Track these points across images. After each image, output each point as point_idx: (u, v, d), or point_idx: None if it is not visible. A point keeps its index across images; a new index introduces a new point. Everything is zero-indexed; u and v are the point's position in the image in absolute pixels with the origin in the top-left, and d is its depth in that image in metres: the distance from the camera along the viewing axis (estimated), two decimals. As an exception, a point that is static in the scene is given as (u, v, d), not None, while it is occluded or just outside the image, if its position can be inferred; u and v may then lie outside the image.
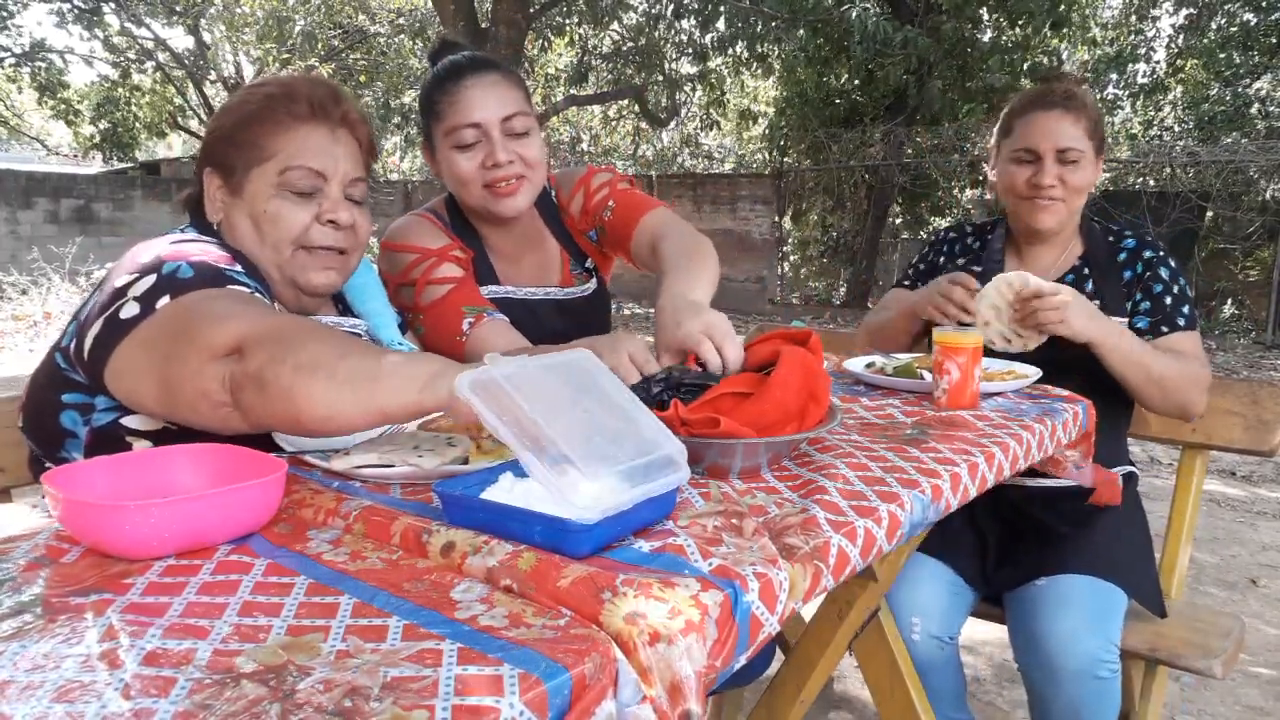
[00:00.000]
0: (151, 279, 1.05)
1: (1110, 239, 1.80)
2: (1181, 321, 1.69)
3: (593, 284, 1.73)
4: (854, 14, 8.71)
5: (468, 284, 1.54)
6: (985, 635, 2.66)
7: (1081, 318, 1.55)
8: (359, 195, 1.27)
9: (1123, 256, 1.77)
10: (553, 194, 1.72)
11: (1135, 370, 1.60)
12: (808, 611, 1.30)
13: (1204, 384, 1.65)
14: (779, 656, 1.88)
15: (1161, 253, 1.75)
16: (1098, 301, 1.71)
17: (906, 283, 1.98)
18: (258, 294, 1.08)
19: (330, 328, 1.04)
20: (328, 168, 1.22)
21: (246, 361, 0.91)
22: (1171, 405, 1.64)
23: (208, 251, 1.11)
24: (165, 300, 1.02)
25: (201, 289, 1.03)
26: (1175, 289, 1.71)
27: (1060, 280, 1.77)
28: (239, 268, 1.12)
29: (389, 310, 1.43)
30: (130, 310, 1.02)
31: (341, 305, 1.41)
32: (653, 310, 1.75)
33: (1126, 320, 1.71)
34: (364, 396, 0.89)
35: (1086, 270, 1.78)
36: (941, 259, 1.94)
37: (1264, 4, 11.12)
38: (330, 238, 1.23)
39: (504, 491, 0.81)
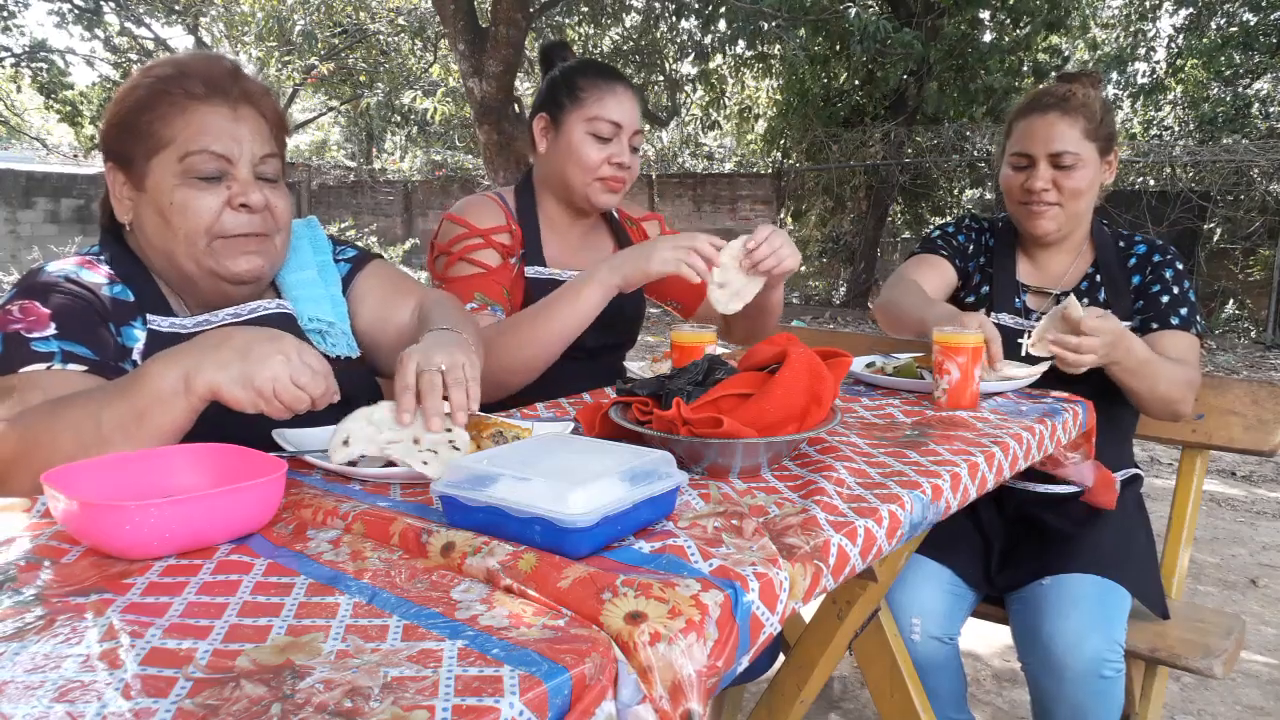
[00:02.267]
0: None
1: (1122, 244, 1.79)
2: (1174, 320, 1.67)
3: None
4: (853, 13, 8.70)
5: (496, 274, 1.65)
6: (986, 635, 2.66)
7: (1104, 356, 1.47)
8: (272, 173, 1.19)
9: (1133, 262, 1.75)
10: (614, 210, 1.90)
11: (1141, 384, 1.56)
12: (808, 612, 1.30)
13: (1195, 387, 1.63)
14: (780, 657, 1.88)
15: (1169, 256, 1.73)
16: (1110, 309, 1.70)
17: (944, 253, 1.87)
18: (56, 365, 1.04)
19: (73, 398, 0.98)
20: (231, 150, 1.14)
21: (20, 484, 0.91)
22: (1167, 413, 1.63)
23: (29, 309, 1.07)
24: None
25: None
26: (1175, 290, 1.69)
27: (1075, 290, 1.76)
28: (50, 330, 1.06)
29: (321, 279, 1.35)
30: None
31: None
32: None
33: (1129, 325, 1.70)
34: (145, 436, 0.92)
35: (1099, 278, 1.76)
36: (971, 246, 1.89)
37: (1264, 4, 11.12)
38: (245, 224, 1.15)
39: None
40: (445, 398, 1.01)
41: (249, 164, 1.16)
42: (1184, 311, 1.68)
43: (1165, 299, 1.69)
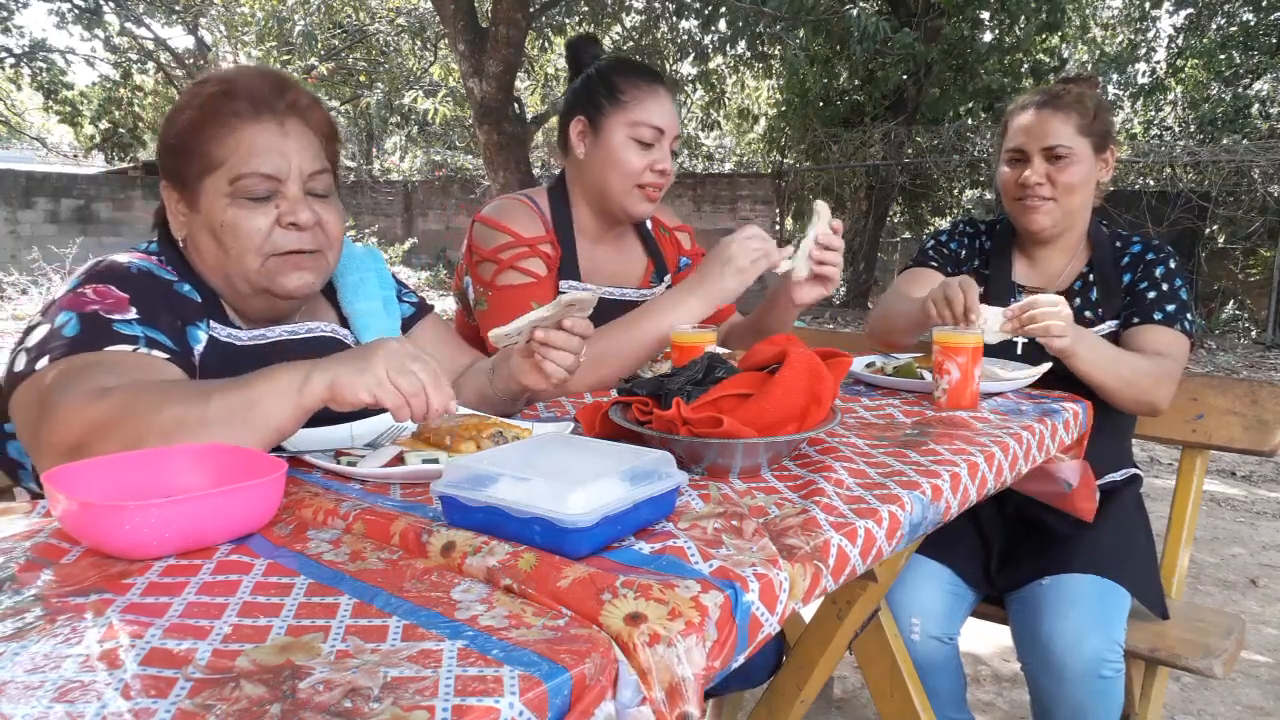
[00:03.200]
0: (43, 331, 1.03)
1: (1119, 244, 1.78)
2: (1158, 315, 1.66)
3: (662, 289, 1.83)
4: (853, 13, 8.71)
5: (545, 284, 1.62)
6: (985, 635, 2.66)
7: (1068, 331, 1.49)
8: (322, 188, 1.18)
9: (1126, 260, 1.75)
10: (647, 220, 1.87)
11: (1106, 376, 1.56)
12: (808, 612, 1.30)
13: (1171, 380, 1.61)
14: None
15: (1162, 255, 1.72)
16: (1100, 309, 1.71)
17: (934, 263, 1.89)
18: (142, 349, 1.03)
19: (178, 381, 1.00)
20: (280, 169, 1.13)
21: (107, 449, 0.89)
22: (1141, 405, 1.62)
23: (105, 293, 1.06)
24: (44, 362, 0.99)
25: (79, 353, 1.00)
26: (1164, 287, 1.68)
27: (1068, 290, 1.76)
28: (133, 314, 1.06)
29: (385, 311, 1.38)
30: (20, 363, 1.02)
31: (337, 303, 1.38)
32: None
33: (1117, 324, 1.70)
34: (249, 426, 0.91)
35: (1092, 278, 1.76)
36: (964, 252, 1.91)
37: (1264, 4, 11.12)
38: (294, 240, 1.15)
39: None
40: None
41: (298, 181, 1.15)
42: (1170, 308, 1.66)
43: (1151, 294, 1.68)
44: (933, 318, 1.54)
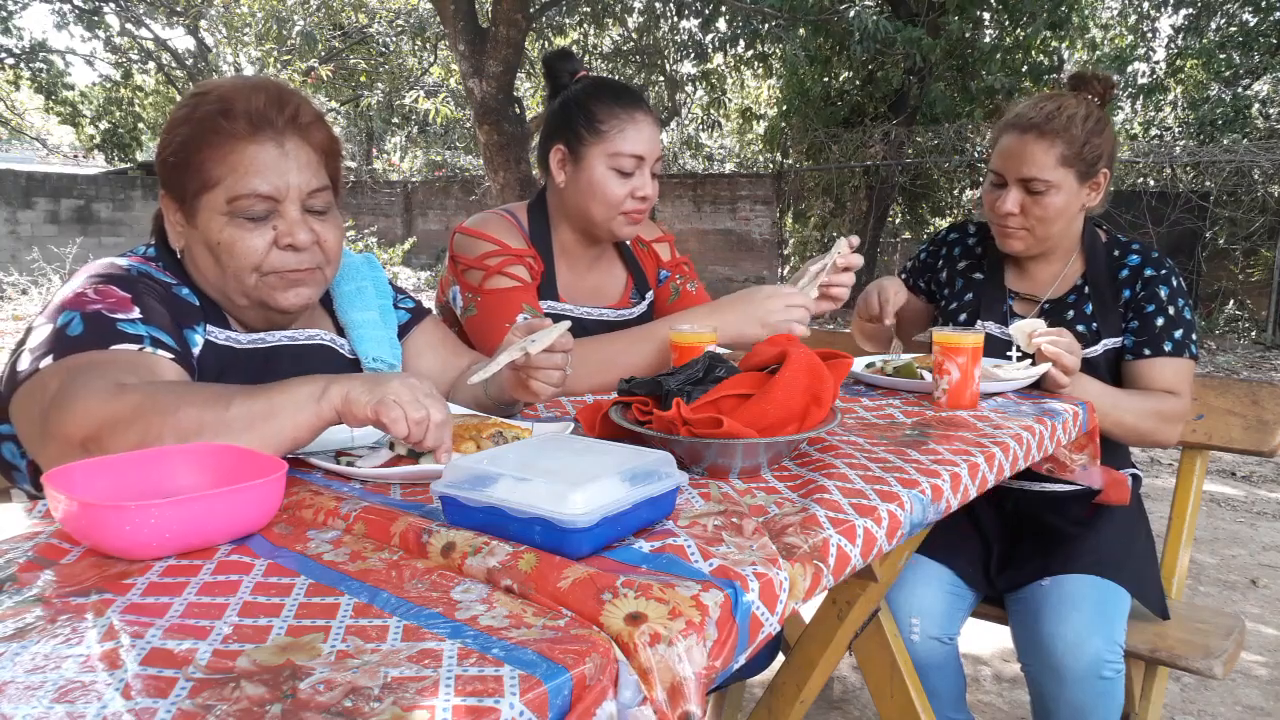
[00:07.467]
0: (47, 330, 1.03)
1: (1116, 253, 1.72)
2: (1168, 346, 1.63)
3: (643, 307, 1.82)
4: (853, 13, 8.70)
5: (532, 291, 1.62)
6: (985, 635, 2.66)
7: (1080, 382, 1.54)
8: (321, 205, 1.17)
9: (1124, 274, 1.69)
10: None
11: (1111, 427, 1.59)
12: (808, 611, 1.30)
13: (1180, 418, 1.62)
14: (780, 654, 1.88)
15: (1163, 271, 1.66)
16: (1095, 324, 1.69)
17: (904, 276, 1.97)
18: (147, 348, 1.03)
19: (193, 384, 1.00)
20: (279, 188, 1.12)
21: (121, 444, 0.88)
22: (1147, 443, 1.64)
23: (108, 293, 1.06)
24: (49, 361, 0.99)
25: (84, 351, 0.99)
26: (1170, 310, 1.64)
27: (1062, 300, 1.73)
28: (136, 314, 1.06)
29: (382, 320, 1.38)
30: (23, 362, 1.01)
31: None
32: None
33: (1119, 341, 1.68)
34: (268, 433, 0.91)
35: (1087, 290, 1.71)
36: (940, 261, 1.92)
37: (1264, 4, 11.12)
38: (291, 261, 1.15)
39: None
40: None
41: (297, 200, 1.14)
42: (1178, 334, 1.63)
43: (1160, 321, 1.64)
44: (860, 316, 1.76)
